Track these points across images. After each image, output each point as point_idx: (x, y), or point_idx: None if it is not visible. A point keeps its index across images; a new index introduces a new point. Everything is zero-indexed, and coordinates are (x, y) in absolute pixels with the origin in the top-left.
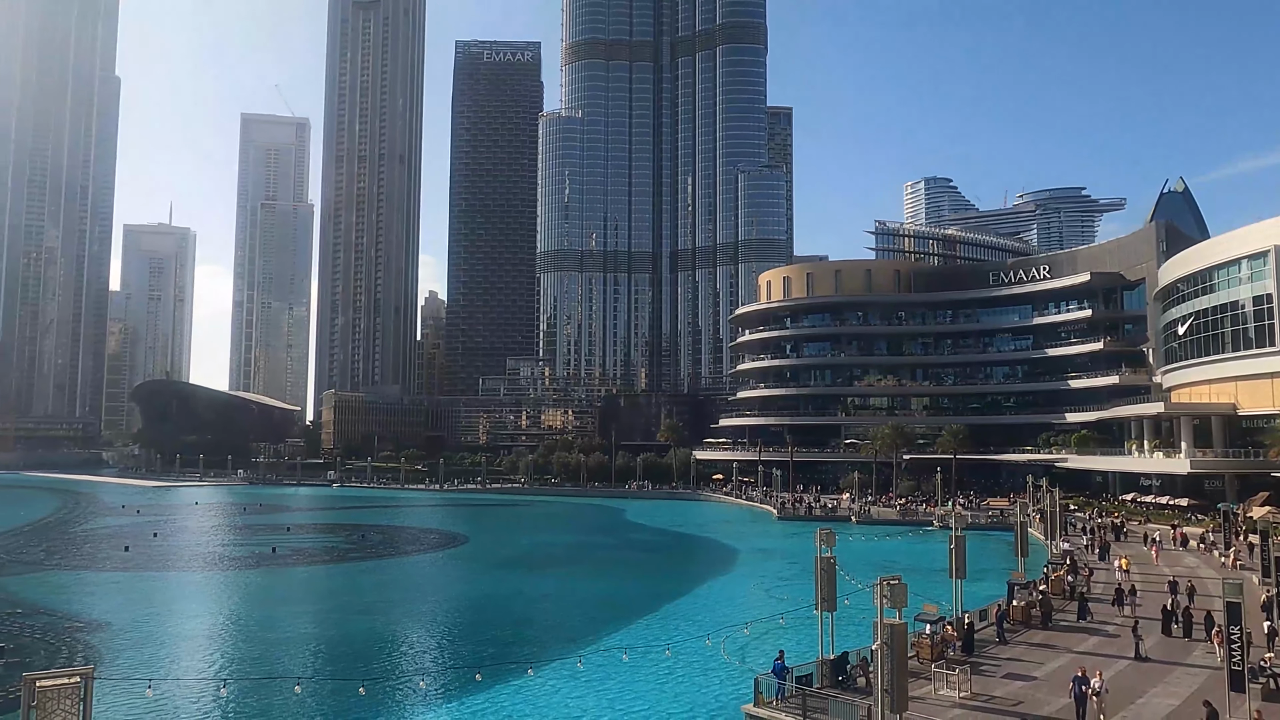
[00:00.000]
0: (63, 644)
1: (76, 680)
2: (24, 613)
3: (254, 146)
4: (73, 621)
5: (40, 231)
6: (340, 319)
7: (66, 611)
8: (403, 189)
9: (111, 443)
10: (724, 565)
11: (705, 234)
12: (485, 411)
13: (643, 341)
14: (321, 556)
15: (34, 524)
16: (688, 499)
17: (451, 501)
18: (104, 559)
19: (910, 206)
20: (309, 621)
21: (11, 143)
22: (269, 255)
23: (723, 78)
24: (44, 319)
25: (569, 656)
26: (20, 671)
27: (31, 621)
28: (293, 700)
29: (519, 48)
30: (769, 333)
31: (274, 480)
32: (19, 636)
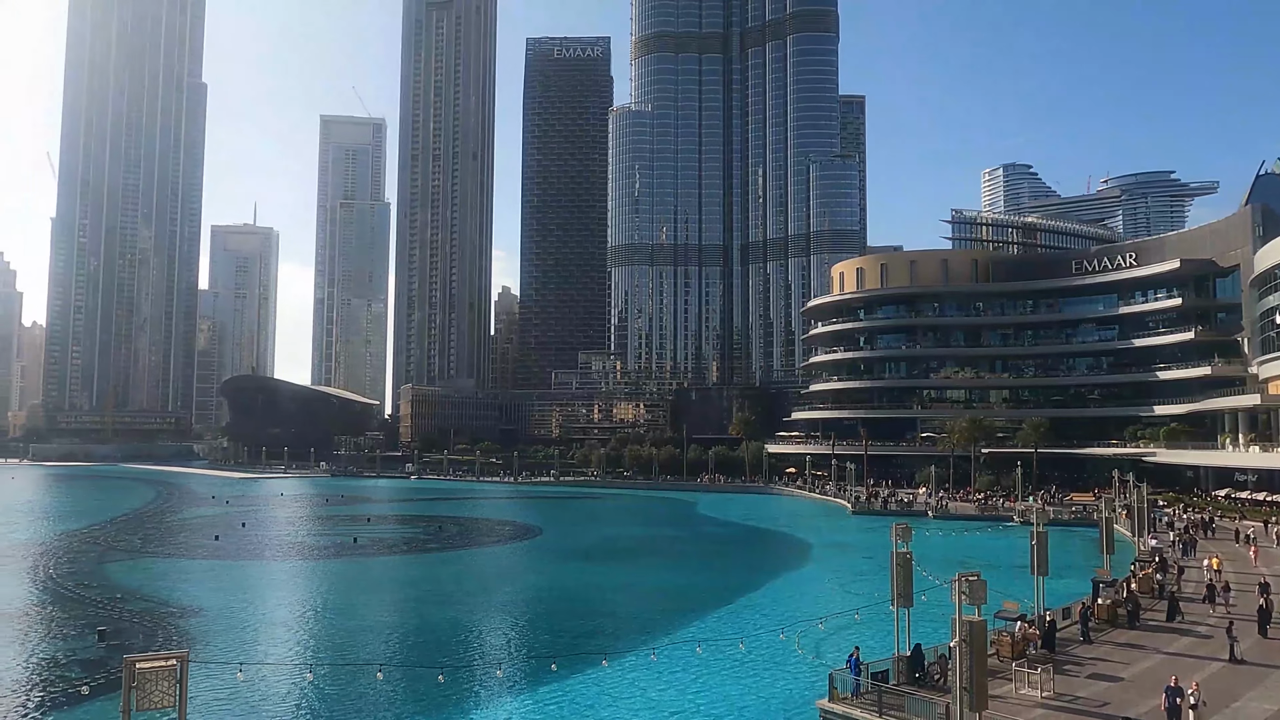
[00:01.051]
0: (159, 628)
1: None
2: (123, 598)
3: (333, 147)
4: (168, 607)
5: (134, 234)
6: (416, 314)
7: (162, 597)
8: (475, 185)
9: (202, 435)
10: (797, 559)
11: (776, 226)
12: (558, 405)
13: (713, 334)
14: (400, 547)
15: (132, 513)
16: (760, 492)
17: (525, 494)
18: (196, 547)
19: (988, 194)
20: (389, 610)
21: (107, 149)
22: (348, 253)
23: (793, 67)
24: (139, 317)
25: (643, 648)
26: (120, 653)
27: (130, 606)
28: (376, 686)
29: (589, 43)
30: (842, 325)
31: (354, 472)
32: (119, 620)
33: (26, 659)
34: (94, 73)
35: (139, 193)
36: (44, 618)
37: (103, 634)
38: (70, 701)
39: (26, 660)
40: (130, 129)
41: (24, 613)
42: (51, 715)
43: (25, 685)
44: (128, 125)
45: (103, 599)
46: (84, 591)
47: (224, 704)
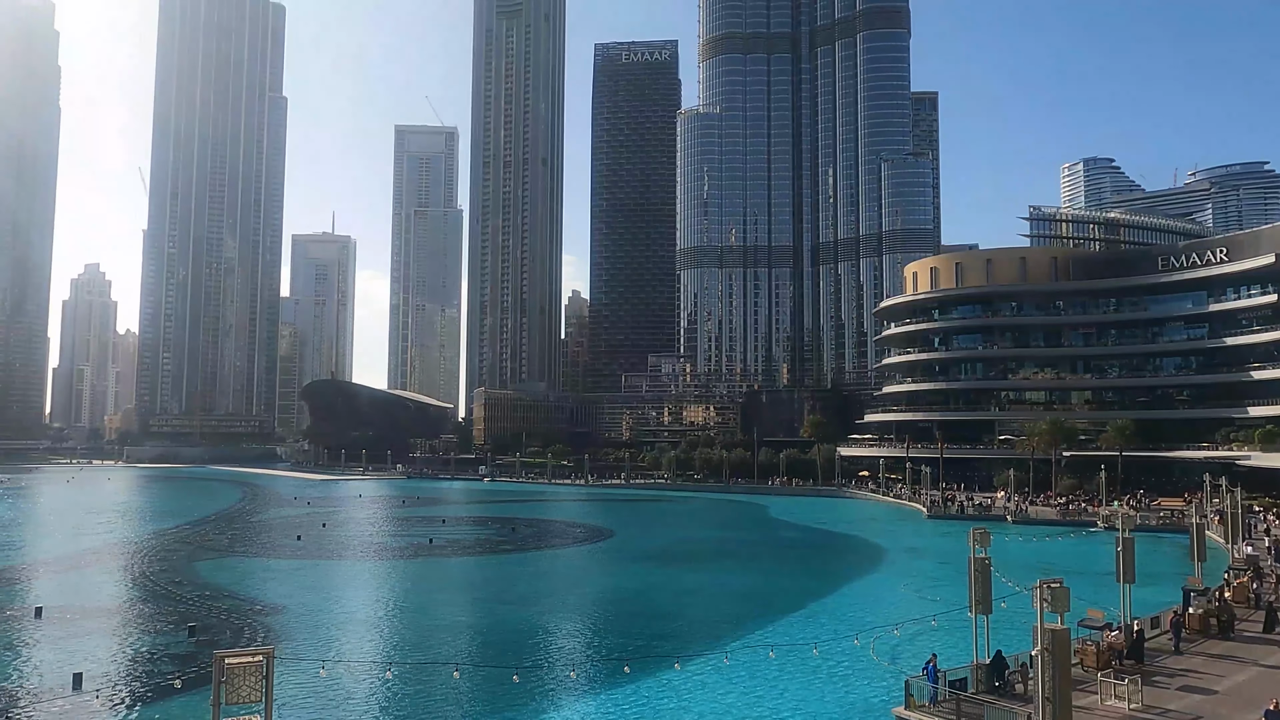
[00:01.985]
0: (245, 625)
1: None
2: (212, 595)
3: (407, 156)
4: (254, 604)
5: (220, 244)
6: (489, 319)
7: (248, 595)
8: (545, 191)
9: (284, 438)
10: (872, 564)
11: (848, 226)
12: (628, 408)
13: (784, 336)
14: (475, 548)
15: (220, 514)
16: (832, 496)
17: (596, 496)
18: (279, 547)
19: (1068, 190)
20: (464, 610)
21: (194, 163)
22: (422, 259)
23: (864, 65)
24: (224, 324)
25: (715, 652)
26: (210, 649)
27: (218, 603)
28: (452, 685)
29: (656, 47)
30: (916, 325)
31: (429, 474)
32: (208, 617)
33: (124, 652)
34: (181, 91)
35: (224, 204)
36: (139, 614)
37: (193, 630)
38: (164, 694)
39: (124, 654)
40: (215, 143)
41: (122, 608)
42: (147, 707)
43: (123, 678)
44: (213, 140)
45: (193, 596)
46: (176, 589)
47: (307, 700)
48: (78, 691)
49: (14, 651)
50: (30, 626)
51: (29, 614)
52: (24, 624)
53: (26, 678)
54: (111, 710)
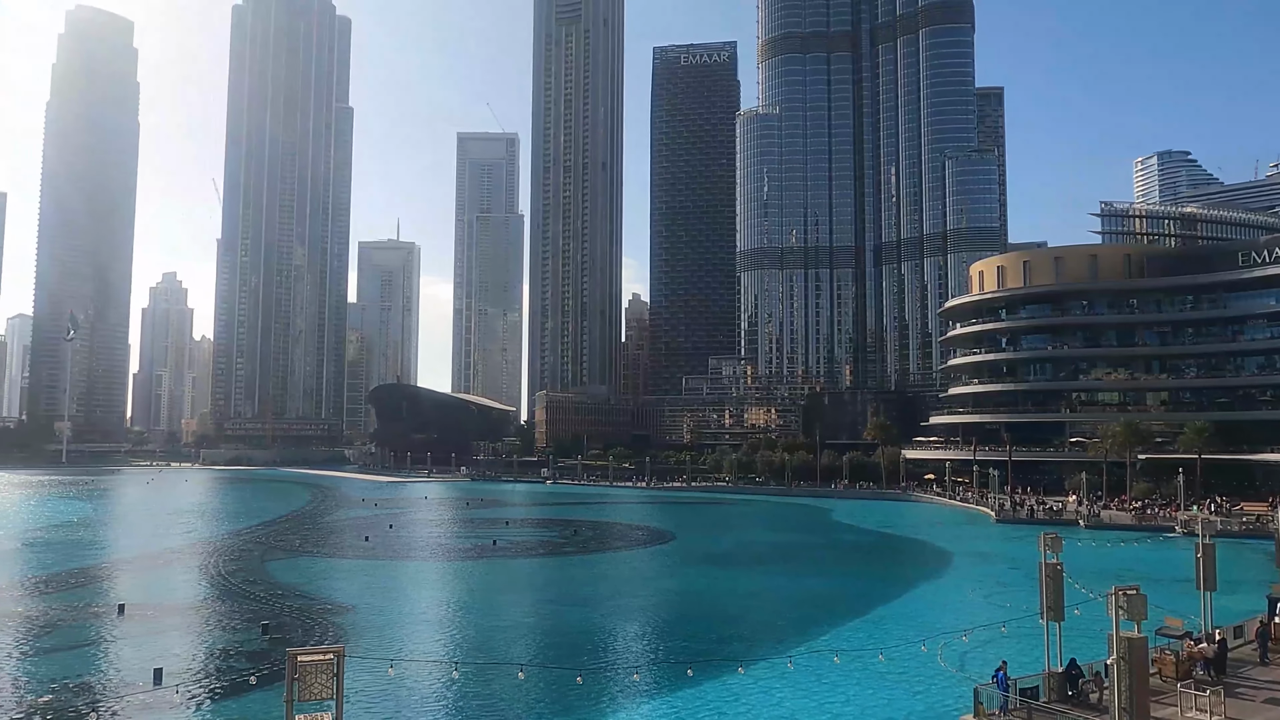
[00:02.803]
0: (316, 624)
1: (330, 657)
2: (284, 594)
3: (469, 163)
4: (324, 603)
5: (290, 251)
6: (550, 323)
7: (318, 594)
8: (605, 195)
9: (352, 441)
10: (938, 568)
11: (911, 225)
12: (689, 410)
13: (846, 338)
14: (538, 550)
15: (291, 515)
16: (897, 499)
17: (658, 499)
18: (348, 547)
19: (1141, 184)
20: (528, 611)
21: (265, 174)
22: (484, 264)
23: (927, 61)
24: (294, 330)
25: (778, 656)
26: (282, 646)
27: (290, 602)
28: (517, 685)
29: (715, 48)
30: (982, 325)
31: (493, 476)
32: (280, 615)
33: (202, 649)
34: (252, 103)
35: (293, 213)
36: (216, 611)
37: (266, 628)
38: (240, 690)
39: (202, 650)
40: (285, 154)
41: (199, 606)
42: (224, 702)
43: (201, 673)
44: (283, 151)
45: (266, 595)
46: (249, 588)
47: (376, 698)
48: (158, 686)
49: (98, 647)
50: (113, 623)
51: (112, 611)
52: (108, 620)
53: (110, 672)
54: (191, 705)
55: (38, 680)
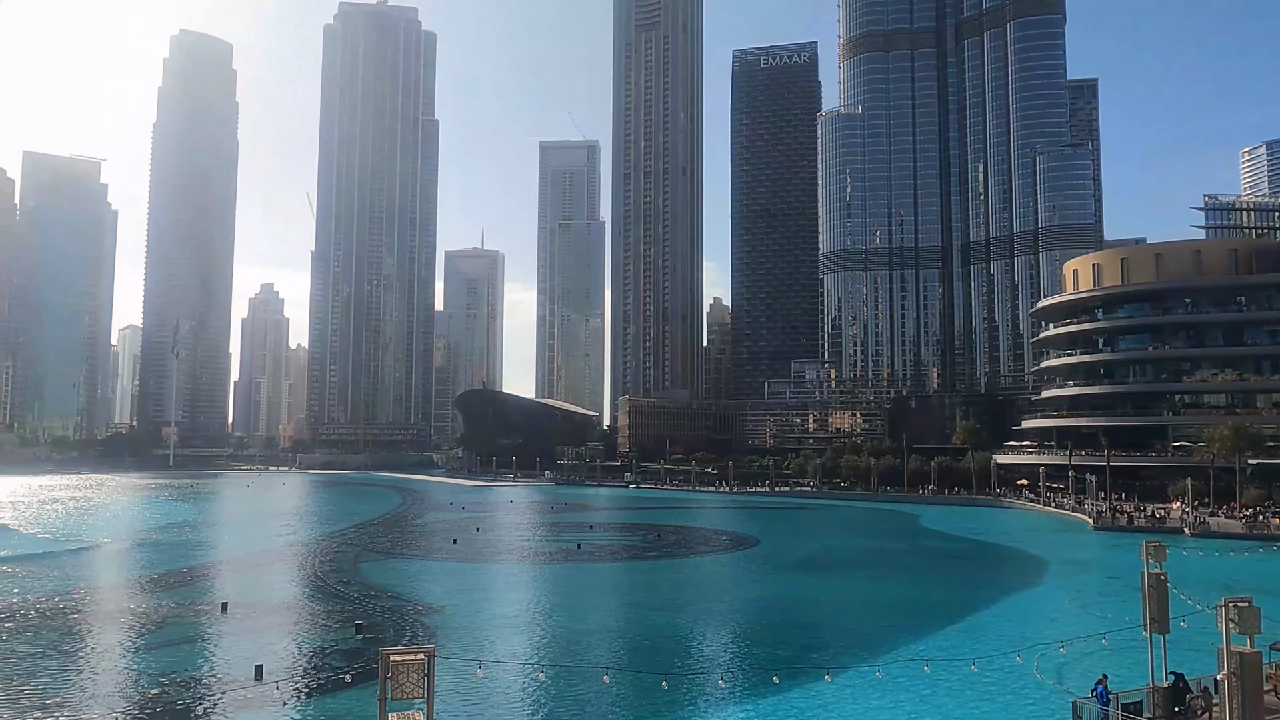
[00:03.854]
0: (406, 624)
1: (421, 657)
2: (376, 595)
3: (551, 171)
4: (414, 604)
5: (379, 261)
6: (631, 328)
7: (409, 595)
8: (685, 200)
9: (439, 446)
10: (1032, 577)
11: (1000, 223)
12: (771, 414)
13: (933, 340)
14: (621, 554)
15: (382, 517)
16: (988, 505)
17: (741, 504)
18: (437, 549)
19: (1249, 176)
20: (612, 615)
21: (355, 187)
22: (566, 271)
23: (1015, 54)
24: (384, 338)
25: (866, 664)
26: (375, 646)
27: (382, 603)
28: (602, 689)
29: (794, 49)
30: (1077, 326)
31: (576, 481)
32: (373, 615)
33: (299, 647)
34: (343, 120)
35: (383, 224)
36: (312, 611)
37: (360, 627)
38: (336, 687)
39: (299, 648)
40: (374, 168)
41: (296, 605)
42: (321, 699)
43: (299, 670)
44: (373, 164)
45: (359, 595)
46: (344, 588)
47: (465, 698)
48: (259, 682)
49: (203, 643)
50: (217, 620)
51: (216, 609)
52: (212, 618)
53: (214, 668)
54: (289, 701)
55: (148, 674)
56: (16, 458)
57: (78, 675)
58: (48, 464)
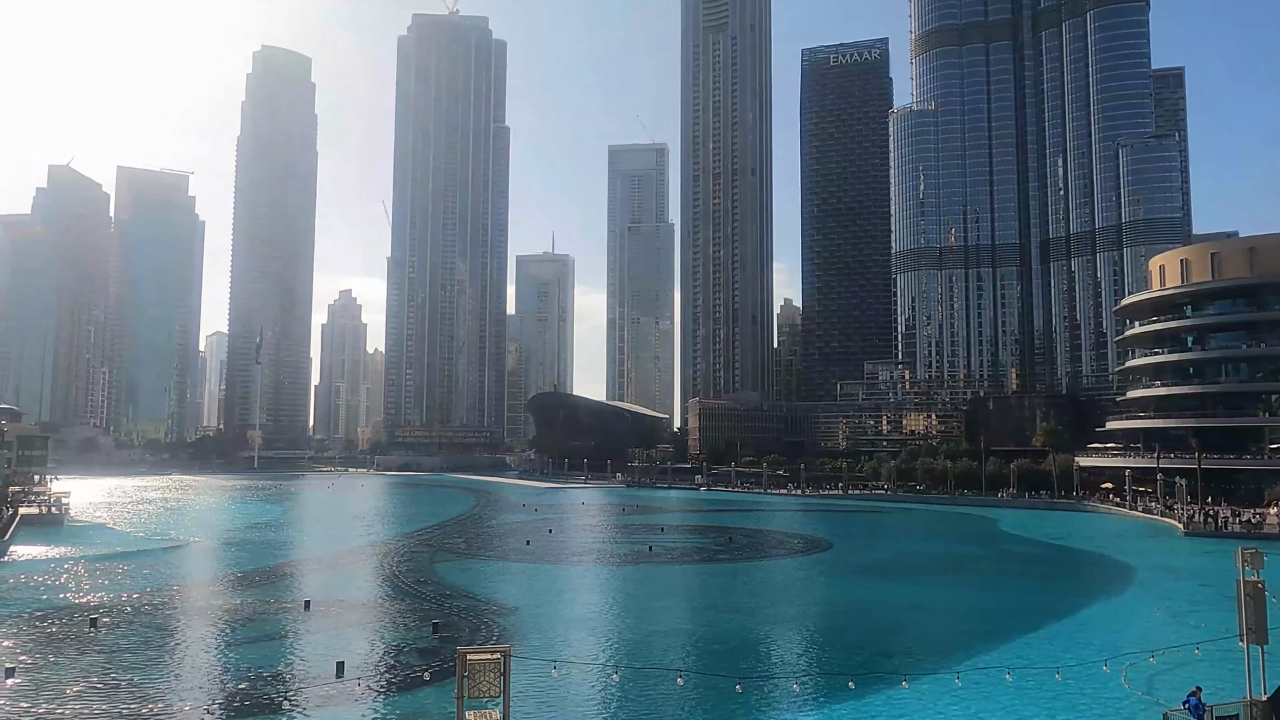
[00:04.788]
0: (481, 623)
1: (498, 656)
2: (451, 594)
3: (620, 174)
4: (488, 604)
5: (453, 267)
6: (701, 330)
7: (483, 595)
8: (755, 201)
9: (512, 448)
10: (1119, 584)
11: (1081, 219)
12: (844, 416)
13: (1011, 339)
14: (692, 556)
15: (457, 518)
16: (1070, 509)
17: (813, 507)
18: (510, 550)
19: None
20: (684, 617)
21: (429, 194)
22: (636, 274)
23: (1096, 45)
24: (458, 342)
25: (945, 671)
26: (451, 645)
27: (458, 602)
28: (676, 691)
29: (865, 46)
30: (1164, 324)
31: (647, 483)
32: (449, 614)
33: (378, 644)
34: (417, 129)
35: (456, 230)
36: (390, 609)
37: (437, 626)
38: (414, 685)
39: (378, 646)
40: (447, 175)
41: (375, 604)
42: (399, 696)
43: (378, 668)
44: (446, 172)
45: (435, 594)
46: (420, 587)
47: (540, 697)
48: (340, 679)
49: (286, 640)
50: (300, 618)
51: (299, 606)
52: (295, 615)
53: (297, 663)
54: (369, 697)
55: (236, 668)
56: (113, 460)
57: (170, 668)
58: (141, 466)
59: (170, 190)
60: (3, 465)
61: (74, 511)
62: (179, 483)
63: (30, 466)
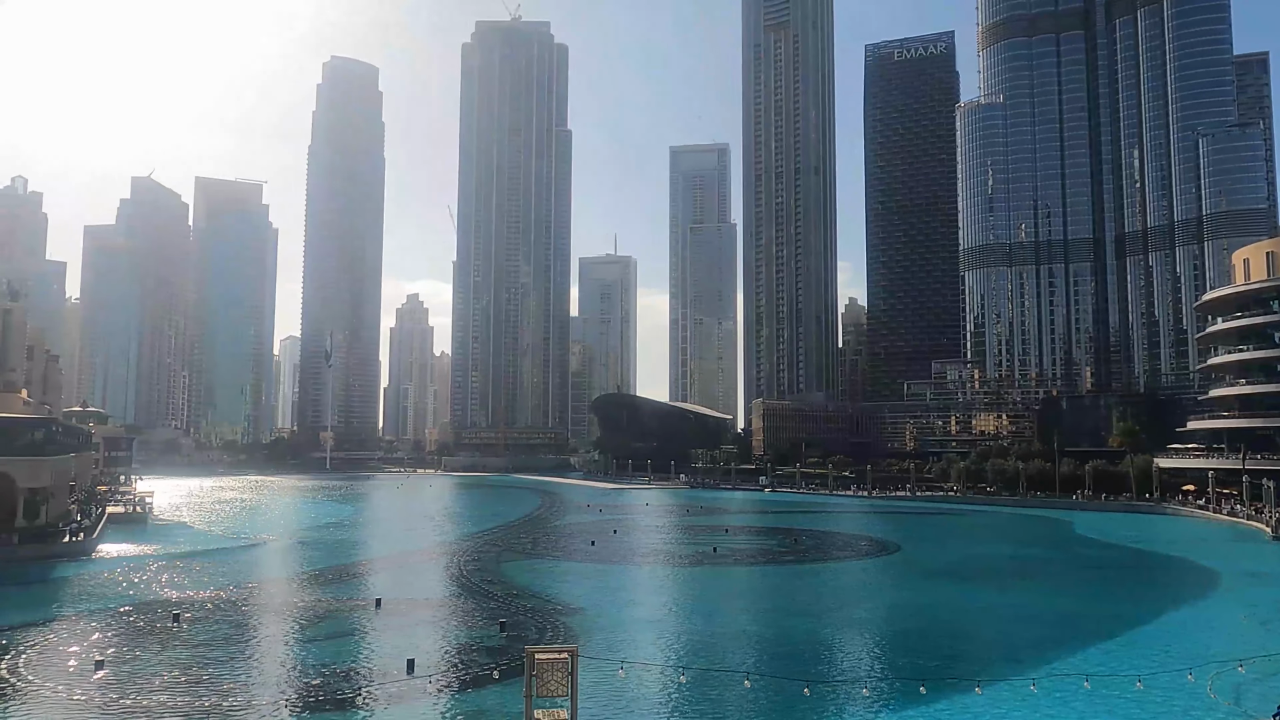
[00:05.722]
0: (547, 623)
1: (565, 656)
2: (518, 594)
3: (681, 175)
4: (555, 604)
5: (517, 270)
6: (765, 330)
7: (549, 595)
8: (818, 199)
9: (576, 449)
10: (1203, 589)
11: (1159, 212)
12: (911, 416)
13: (1085, 337)
14: (757, 558)
15: (522, 519)
16: (1149, 512)
17: (880, 509)
18: (575, 551)
19: None
20: (750, 619)
21: (493, 199)
22: (698, 275)
23: (1173, 31)
24: (522, 344)
25: (1019, 677)
26: (518, 644)
27: (524, 602)
28: (743, 693)
29: (930, 40)
30: (1249, 319)
31: (711, 484)
32: (516, 614)
33: (448, 642)
34: (481, 135)
35: (519, 234)
36: (459, 608)
37: (504, 625)
38: (483, 683)
39: (448, 643)
40: (511, 179)
41: (444, 602)
42: (469, 693)
43: (448, 665)
44: (509, 177)
45: (503, 594)
46: (488, 587)
47: (607, 697)
48: (411, 676)
49: (358, 638)
50: (371, 616)
51: (370, 605)
52: (366, 613)
53: (369, 661)
54: (439, 694)
55: (310, 664)
56: (194, 460)
57: (248, 663)
58: (219, 466)
59: (245, 199)
60: (92, 466)
61: (157, 510)
62: (255, 483)
63: (116, 467)
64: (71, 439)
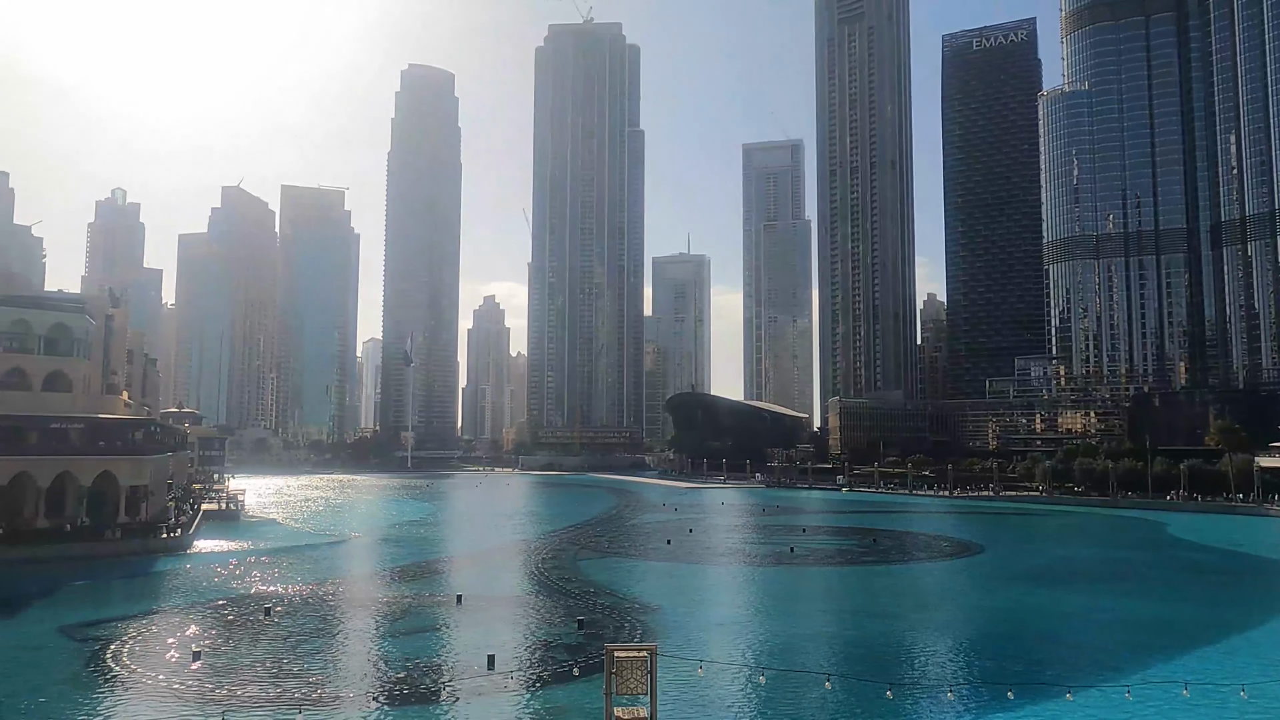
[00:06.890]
0: (625, 621)
1: (644, 654)
2: (595, 592)
3: (754, 173)
4: (631, 602)
5: (591, 271)
6: (840, 328)
7: (626, 593)
8: (894, 194)
9: (651, 448)
10: None
11: (1258, 200)
12: (994, 415)
13: (1179, 331)
14: (835, 558)
15: (599, 517)
16: (1250, 513)
17: (961, 509)
18: (651, 549)
19: None
20: (829, 620)
21: (567, 200)
22: (772, 272)
23: (1273, 10)
24: (597, 344)
25: (1112, 684)
26: (596, 641)
27: (601, 600)
28: (824, 695)
29: (1010, 28)
30: None
31: (787, 484)
32: (593, 611)
33: (527, 639)
34: (555, 137)
35: (593, 235)
36: (538, 605)
37: (582, 623)
38: (561, 679)
39: (527, 640)
40: (584, 181)
41: (523, 599)
42: (549, 689)
43: (528, 662)
44: (583, 178)
45: (580, 591)
46: (565, 584)
47: (685, 696)
48: (491, 671)
49: (440, 633)
50: (453, 611)
51: (452, 601)
52: (448, 609)
53: (450, 655)
54: (519, 690)
55: (394, 658)
56: (282, 460)
57: (335, 656)
58: (306, 465)
59: (328, 206)
60: (187, 465)
61: (248, 508)
62: (340, 481)
63: (210, 466)
64: (169, 439)
